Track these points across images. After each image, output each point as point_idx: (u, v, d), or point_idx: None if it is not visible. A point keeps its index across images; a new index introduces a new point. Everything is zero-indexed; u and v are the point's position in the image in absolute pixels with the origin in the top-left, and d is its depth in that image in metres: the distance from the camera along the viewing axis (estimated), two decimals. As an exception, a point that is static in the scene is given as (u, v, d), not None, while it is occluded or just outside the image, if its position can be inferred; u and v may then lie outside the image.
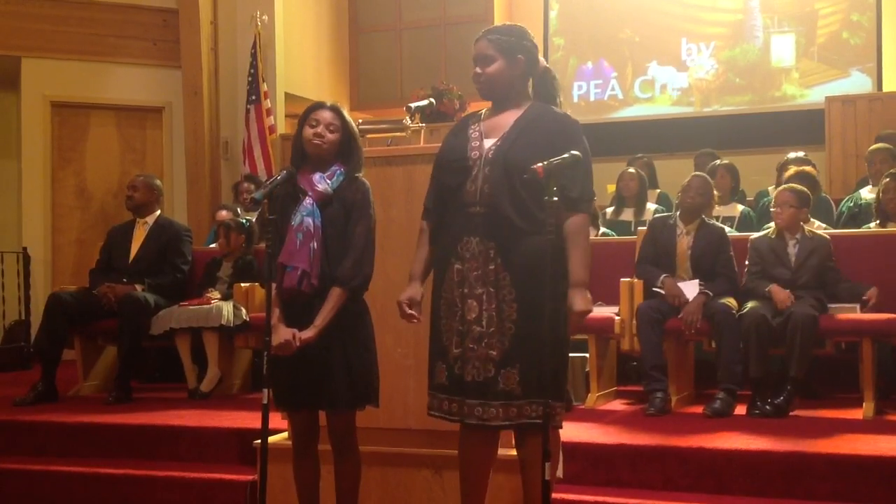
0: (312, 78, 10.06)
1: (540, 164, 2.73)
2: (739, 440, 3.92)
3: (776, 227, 4.94)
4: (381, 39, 10.60)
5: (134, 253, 5.84)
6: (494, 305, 2.87)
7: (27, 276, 7.91)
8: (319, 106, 3.22)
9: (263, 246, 3.55)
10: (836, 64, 8.82)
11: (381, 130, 4.03)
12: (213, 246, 6.40)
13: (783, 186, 5.15)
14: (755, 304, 4.72)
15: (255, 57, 8.68)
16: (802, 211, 4.92)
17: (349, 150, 3.21)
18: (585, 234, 2.94)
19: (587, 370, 5.05)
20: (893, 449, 3.72)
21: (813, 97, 8.72)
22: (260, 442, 3.24)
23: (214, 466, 4.38)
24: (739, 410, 4.63)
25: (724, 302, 4.76)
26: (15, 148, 8.39)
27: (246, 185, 7.42)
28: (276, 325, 3.10)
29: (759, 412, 4.53)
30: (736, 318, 4.70)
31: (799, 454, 3.70)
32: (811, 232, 4.95)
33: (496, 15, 9.92)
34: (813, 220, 5.33)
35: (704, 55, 9.28)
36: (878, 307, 4.68)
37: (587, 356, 5.01)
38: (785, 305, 4.64)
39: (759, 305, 4.69)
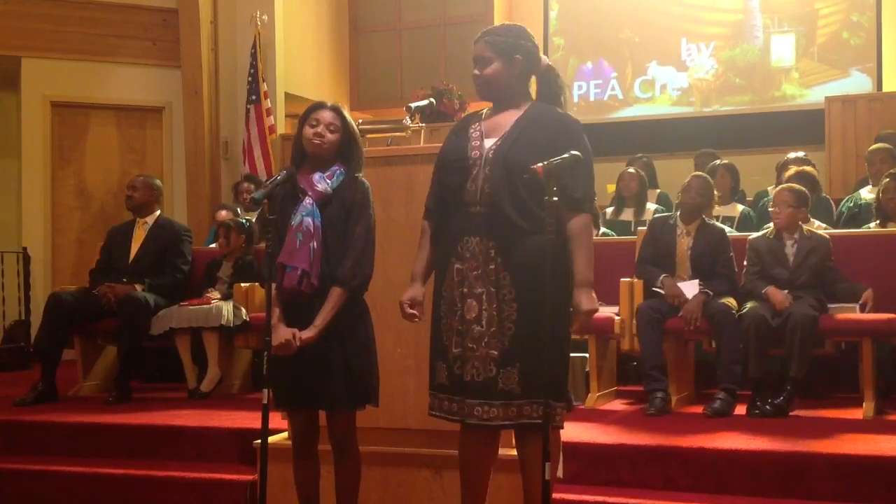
0: (312, 78, 10.06)
1: (540, 164, 2.73)
2: (740, 440, 3.92)
3: (774, 226, 4.93)
4: (381, 39, 10.59)
5: (134, 253, 5.84)
6: (495, 305, 2.87)
7: (27, 276, 7.91)
8: (320, 106, 3.23)
9: (263, 246, 3.55)
10: (836, 64, 8.82)
11: (381, 130, 4.02)
12: (213, 246, 6.40)
13: (781, 186, 5.14)
14: (754, 304, 4.72)
15: (255, 57, 8.68)
16: (801, 211, 4.91)
17: (349, 150, 3.21)
18: (589, 234, 2.94)
19: (587, 370, 5.05)
20: (893, 449, 3.72)
21: (813, 97, 8.72)
22: (260, 442, 3.24)
23: (214, 466, 4.38)
24: (739, 410, 4.63)
25: (723, 302, 4.76)
26: (15, 148, 8.39)
27: (246, 185, 7.42)
28: (276, 325, 3.10)
29: (759, 412, 4.53)
30: (736, 318, 4.70)
31: (799, 454, 3.70)
32: (810, 231, 4.93)
33: (496, 15, 9.92)
34: (813, 220, 5.33)
35: (704, 55, 9.28)
36: (877, 307, 4.67)
37: (587, 356, 5.01)
38: (783, 307, 4.63)
39: (758, 305, 4.69)
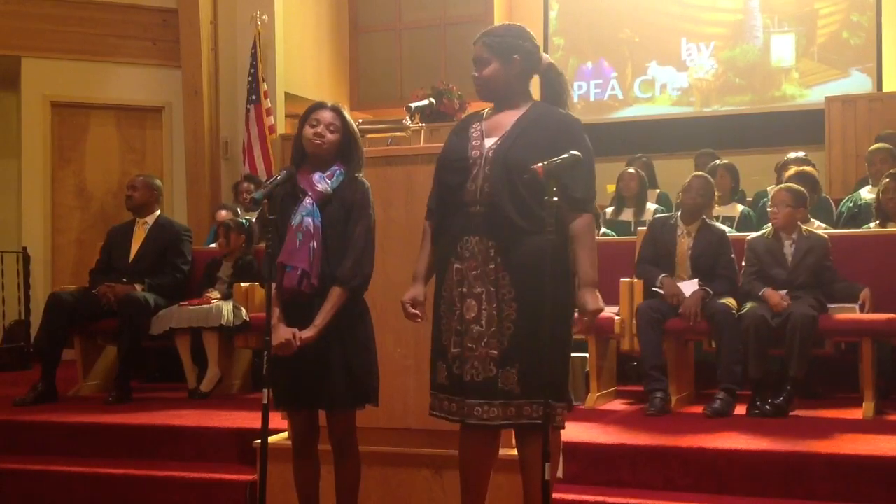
0: (312, 78, 10.06)
1: (540, 164, 2.73)
2: (739, 440, 3.92)
3: (772, 226, 4.92)
4: (381, 39, 10.59)
5: (134, 253, 5.84)
6: (495, 305, 2.86)
7: (27, 276, 7.90)
8: (320, 106, 3.23)
9: (263, 246, 3.55)
10: (836, 64, 8.83)
11: (381, 130, 4.02)
12: (213, 246, 6.40)
13: (780, 186, 5.14)
14: (754, 304, 4.72)
15: (255, 57, 8.68)
16: (799, 211, 4.90)
17: (349, 150, 3.21)
18: (592, 234, 2.94)
19: (587, 370, 5.05)
20: (893, 449, 3.72)
21: (813, 97, 8.73)
22: (260, 442, 3.24)
23: (214, 466, 4.38)
24: (739, 410, 4.63)
25: (723, 302, 4.76)
26: (15, 148, 8.38)
27: (246, 185, 7.42)
28: (276, 324, 3.10)
29: (759, 412, 4.53)
30: (735, 318, 4.70)
31: (799, 454, 3.70)
32: (808, 231, 4.92)
33: (496, 15, 9.91)
34: (813, 220, 5.33)
35: (704, 55, 9.28)
36: (877, 307, 4.67)
37: (587, 356, 5.01)
38: (780, 308, 4.62)
39: (758, 306, 4.69)
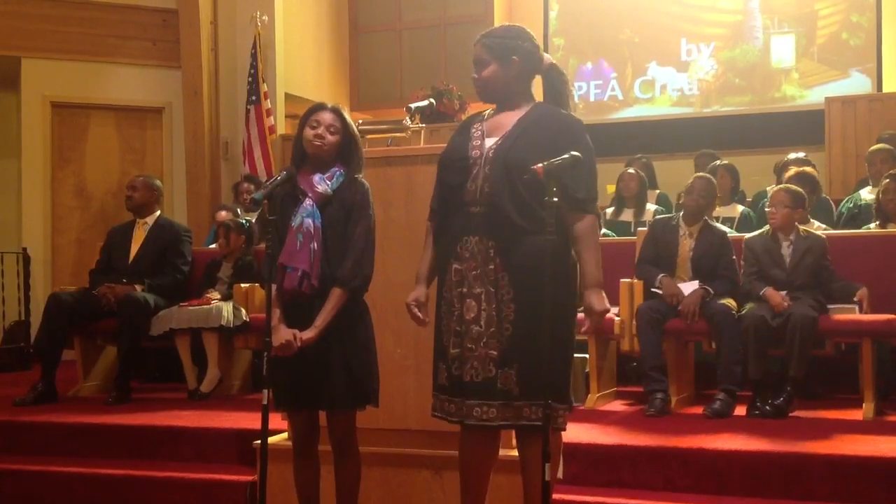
0: (312, 78, 10.06)
1: (540, 164, 2.73)
2: (739, 441, 3.93)
3: (770, 227, 4.91)
4: (381, 39, 10.60)
5: (134, 253, 5.84)
6: (494, 305, 2.86)
7: (27, 276, 7.90)
8: (320, 107, 3.23)
9: (263, 246, 3.55)
10: (835, 64, 8.83)
11: (381, 131, 4.02)
12: (212, 246, 6.40)
13: (778, 186, 5.14)
14: (753, 305, 4.71)
15: (255, 57, 8.68)
16: (797, 212, 4.89)
17: (349, 151, 3.22)
18: (596, 234, 2.95)
19: (587, 371, 5.05)
20: (893, 449, 3.72)
21: (813, 98, 8.73)
22: (260, 442, 3.24)
23: (214, 467, 4.38)
24: (739, 411, 4.63)
25: (723, 303, 4.76)
26: (15, 148, 8.39)
27: (246, 185, 7.43)
28: (277, 325, 3.11)
29: (758, 413, 4.53)
30: (735, 318, 4.70)
31: (799, 455, 3.70)
32: (806, 231, 4.91)
33: (496, 15, 9.92)
34: (813, 220, 5.33)
35: (704, 55, 9.29)
36: (877, 308, 4.67)
37: (587, 357, 5.01)
38: (781, 308, 4.62)
39: (757, 306, 4.68)
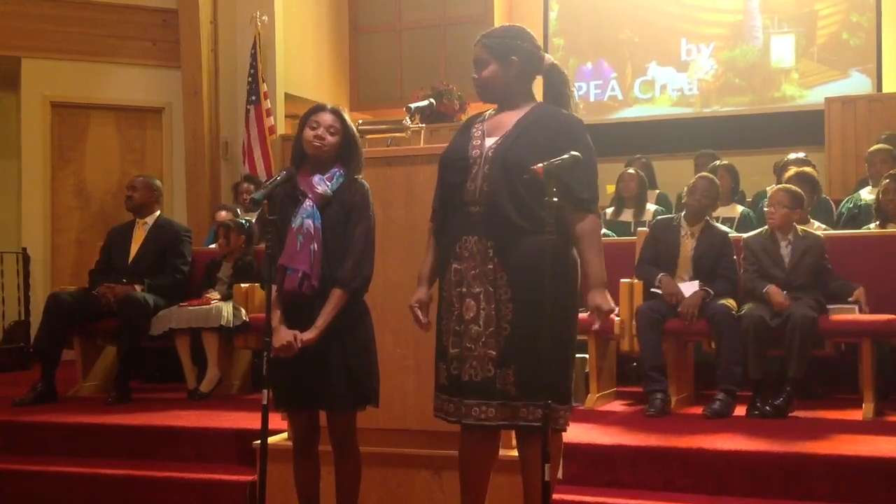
0: (312, 78, 10.06)
1: (540, 164, 2.73)
2: (739, 441, 3.93)
3: (769, 227, 4.91)
4: (381, 40, 10.60)
5: (133, 253, 5.83)
6: (493, 305, 2.86)
7: (27, 276, 7.90)
8: (320, 108, 3.23)
9: (263, 246, 3.55)
10: (835, 65, 8.83)
11: (381, 131, 4.02)
12: (212, 246, 6.40)
13: (777, 186, 5.14)
14: (752, 305, 4.71)
15: (254, 57, 8.68)
16: (796, 212, 4.88)
17: (349, 152, 3.22)
18: (598, 234, 2.95)
19: (587, 371, 5.05)
20: (893, 449, 3.72)
21: (813, 98, 8.73)
22: (260, 442, 3.24)
23: (214, 467, 4.38)
24: (739, 411, 4.63)
25: (723, 303, 4.76)
26: (15, 148, 8.39)
27: (246, 185, 7.43)
28: (277, 326, 3.11)
29: (758, 413, 4.53)
30: (735, 318, 4.69)
31: (798, 455, 3.70)
32: (804, 231, 4.90)
33: (496, 15, 9.92)
34: (813, 220, 5.33)
35: (704, 56, 9.29)
36: (877, 308, 4.67)
37: (587, 357, 5.01)
38: (782, 307, 4.62)
39: (757, 307, 4.68)
